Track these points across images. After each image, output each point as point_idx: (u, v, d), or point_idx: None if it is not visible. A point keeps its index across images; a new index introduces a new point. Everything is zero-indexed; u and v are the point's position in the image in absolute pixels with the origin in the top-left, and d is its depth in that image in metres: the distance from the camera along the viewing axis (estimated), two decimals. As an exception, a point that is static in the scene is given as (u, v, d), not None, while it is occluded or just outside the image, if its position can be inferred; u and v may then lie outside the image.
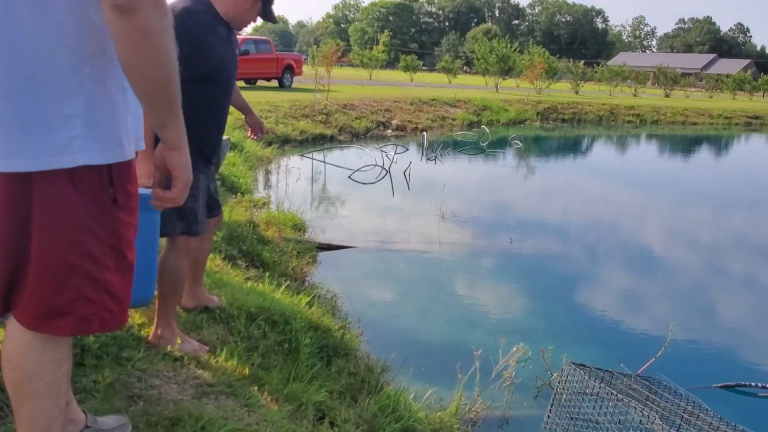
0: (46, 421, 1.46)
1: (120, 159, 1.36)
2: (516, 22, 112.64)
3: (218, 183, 6.38)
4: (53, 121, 1.26)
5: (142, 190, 2.12)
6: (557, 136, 18.98)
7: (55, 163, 1.27)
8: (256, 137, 3.11)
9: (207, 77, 2.38)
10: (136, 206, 1.47)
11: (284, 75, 20.73)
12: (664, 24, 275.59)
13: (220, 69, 2.43)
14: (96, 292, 1.39)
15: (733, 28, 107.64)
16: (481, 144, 13.78)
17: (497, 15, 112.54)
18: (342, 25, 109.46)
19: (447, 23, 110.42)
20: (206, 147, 2.51)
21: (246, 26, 2.60)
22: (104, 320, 1.43)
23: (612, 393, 2.91)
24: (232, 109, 2.76)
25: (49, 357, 1.43)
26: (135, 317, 2.73)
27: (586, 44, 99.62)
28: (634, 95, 35.32)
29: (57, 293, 1.35)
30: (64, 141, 1.27)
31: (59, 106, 1.26)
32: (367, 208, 7.79)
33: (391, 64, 60.30)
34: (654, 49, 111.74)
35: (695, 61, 77.31)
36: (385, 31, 71.04)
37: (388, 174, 9.34)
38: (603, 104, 25.02)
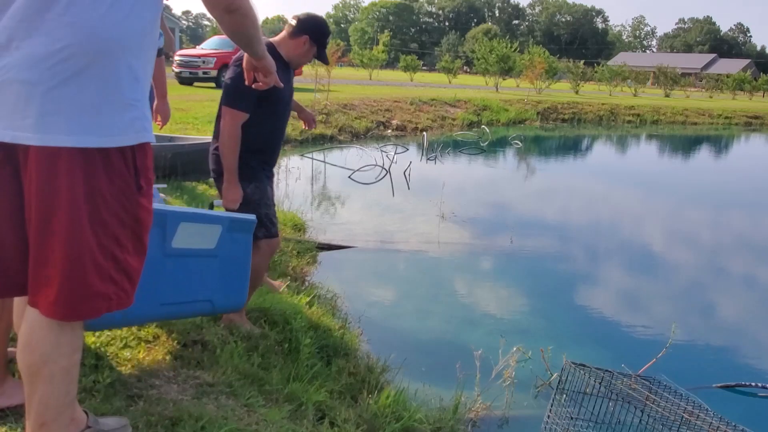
0: (57, 408, 1.49)
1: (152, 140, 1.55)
2: (516, 22, 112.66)
3: (218, 183, 6.37)
4: (121, 104, 1.42)
5: (246, 216, 2.63)
6: (557, 136, 18.98)
7: (122, 140, 1.42)
8: (309, 128, 3.50)
9: (271, 104, 2.87)
10: (152, 193, 1.59)
11: (284, 75, 20.70)
12: (664, 24, 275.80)
13: (280, 98, 2.90)
14: (117, 272, 1.48)
15: (733, 28, 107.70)
16: (481, 144, 13.78)
17: (497, 15, 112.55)
18: (342, 25, 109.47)
19: (447, 23, 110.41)
20: (270, 159, 3.04)
21: (302, 66, 3.21)
22: (120, 299, 1.52)
23: (612, 393, 2.91)
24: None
25: (66, 340, 1.47)
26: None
27: (586, 44, 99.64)
28: (634, 95, 35.32)
29: (91, 275, 1.42)
30: (129, 120, 1.44)
31: (126, 90, 1.43)
32: (367, 208, 7.79)
33: (391, 64, 60.36)
34: (654, 49, 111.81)
35: (695, 61, 77.34)
36: (385, 31, 71.03)
37: (388, 174, 9.34)
38: (603, 104, 25.02)
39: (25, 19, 1.33)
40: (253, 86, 2.34)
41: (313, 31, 2.93)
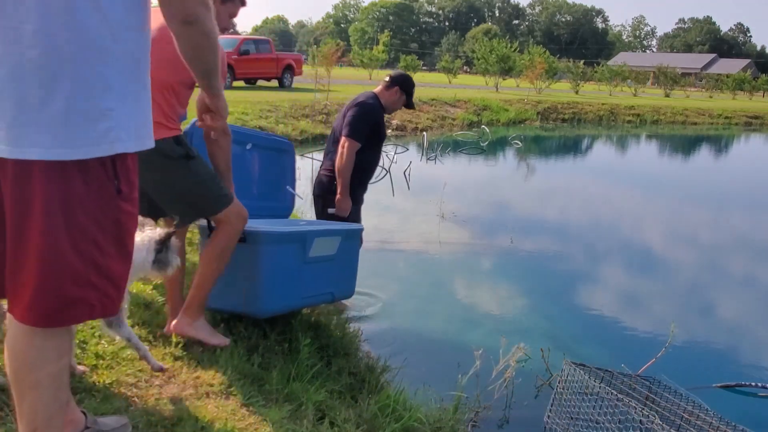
0: (47, 413, 1.47)
1: (141, 148, 1.48)
2: (516, 22, 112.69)
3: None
4: (93, 114, 1.36)
5: (356, 225, 3.49)
6: (557, 136, 18.98)
7: (93, 152, 1.36)
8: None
9: (379, 141, 3.98)
10: (137, 198, 1.54)
11: (284, 75, 20.73)
12: (664, 24, 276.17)
13: (381, 138, 4.00)
14: (99, 277, 1.44)
15: (733, 28, 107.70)
16: (481, 144, 13.77)
17: (497, 15, 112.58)
18: (342, 25, 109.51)
19: (447, 23, 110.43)
20: (367, 182, 4.14)
21: (394, 112, 4.14)
22: (105, 306, 1.48)
23: (612, 393, 2.91)
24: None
25: (51, 346, 1.45)
26: (135, 317, 2.74)
27: (586, 44, 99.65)
28: (634, 95, 35.31)
29: (67, 281, 1.39)
30: (102, 131, 1.38)
31: (98, 99, 1.37)
32: (367, 208, 7.77)
33: (391, 64, 60.28)
34: (654, 49, 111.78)
35: (695, 61, 77.31)
36: (385, 31, 71.12)
37: (388, 174, 9.33)
38: (603, 104, 25.02)
39: (4, 27, 1.33)
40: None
41: (401, 83, 3.89)
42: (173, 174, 2.41)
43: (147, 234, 2.28)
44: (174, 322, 2.58)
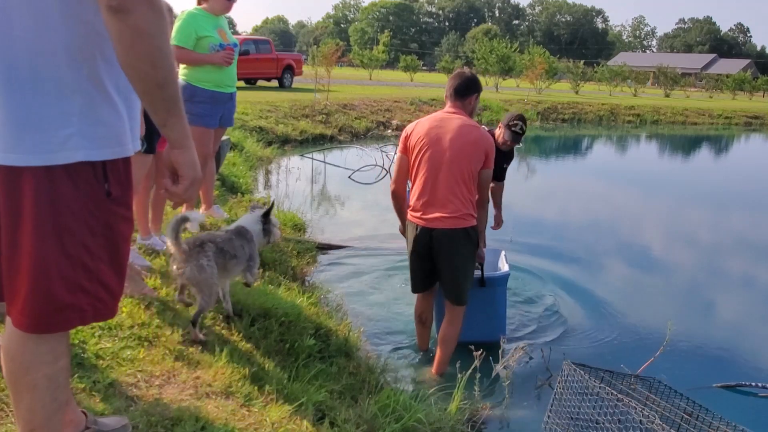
0: (44, 415, 1.46)
1: (118, 156, 1.39)
2: (516, 22, 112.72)
3: (218, 183, 6.36)
4: (51, 119, 1.29)
5: (507, 272, 4.06)
6: (557, 136, 18.99)
7: (52, 159, 1.30)
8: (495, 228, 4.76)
9: (501, 172, 4.38)
10: (131, 202, 1.50)
11: (284, 75, 20.74)
12: (664, 24, 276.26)
13: (498, 168, 4.07)
14: (89, 281, 1.40)
15: (733, 28, 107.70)
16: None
17: (497, 15, 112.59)
18: (342, 25, 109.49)
19: (447, 23, 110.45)
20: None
21: (506, 147, 4.37)
22: (97, 310, 1.44)
23: (612, 393, 2.91)
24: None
25: (46, 349, 1.43)
26: (135, 317, 2.74)
27: (586, 44, 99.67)
28: (634, 95, 35.31)
29: (57, 286, 1.36)
30: (62, 138, 1.30)
31: (57, 104, 1.30)
32: (367, 208, 7.79)
33: (391, 64, 60.28)
34: (654, 49, 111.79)
35: (695, 61, 77.31)
36: (385, 31, 71.14)
37: (388, 174, 9.33)
38: (603, 104, 25.02)
39: None
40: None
41: (505, 122, 4.31)
42: (468, 251, 3.33)
43: (255, 213, 2.97)
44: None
